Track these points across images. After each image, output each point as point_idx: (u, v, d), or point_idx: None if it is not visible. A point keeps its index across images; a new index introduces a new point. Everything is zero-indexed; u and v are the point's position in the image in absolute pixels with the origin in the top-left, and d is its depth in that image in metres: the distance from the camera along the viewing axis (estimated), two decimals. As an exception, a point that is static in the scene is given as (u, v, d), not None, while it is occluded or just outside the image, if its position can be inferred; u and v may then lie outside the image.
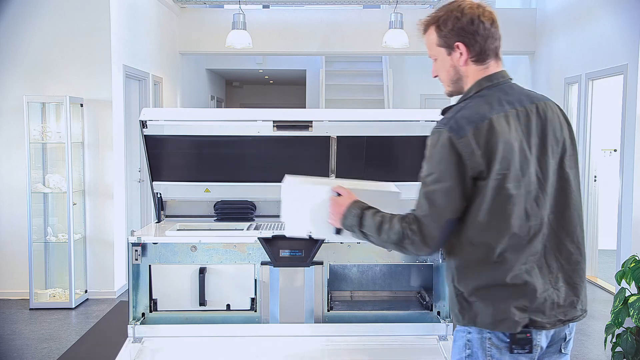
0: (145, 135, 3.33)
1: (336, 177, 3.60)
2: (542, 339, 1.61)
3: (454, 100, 1.72)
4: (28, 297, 5.09)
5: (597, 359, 4.01)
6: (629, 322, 3.36)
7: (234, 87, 13.97)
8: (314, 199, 1.98)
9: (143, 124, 3.27)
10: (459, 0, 1.68)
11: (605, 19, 5.90)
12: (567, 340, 1.69)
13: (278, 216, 3.95)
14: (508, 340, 1.58)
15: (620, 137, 5.49)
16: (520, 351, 1.58)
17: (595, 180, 6.19)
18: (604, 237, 6.67)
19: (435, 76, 1.77)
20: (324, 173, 3.59)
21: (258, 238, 3.21)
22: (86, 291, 5.32)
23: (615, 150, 7.00)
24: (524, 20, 7.64)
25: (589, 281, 6.08)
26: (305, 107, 11.41)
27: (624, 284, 3.38)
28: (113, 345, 3.87)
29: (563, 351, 1.69)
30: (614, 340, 3.38)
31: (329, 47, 7.76)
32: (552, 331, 1.64)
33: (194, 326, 3.18)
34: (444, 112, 1.69)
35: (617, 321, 3.24)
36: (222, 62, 10.69)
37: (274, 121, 3.26)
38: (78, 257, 5.22)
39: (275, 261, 3.23)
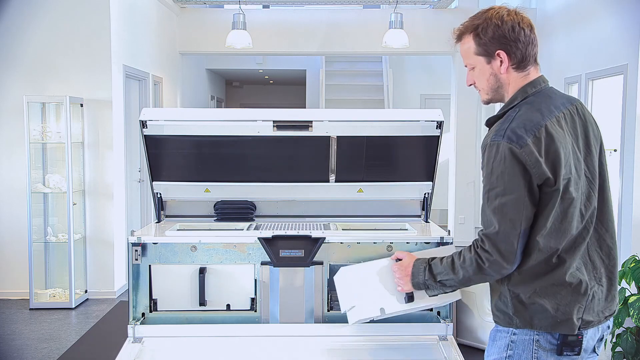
0: (145, 135, 3.33)
1: (336, 177, 3.60)
2: (588, 340, 1.61)
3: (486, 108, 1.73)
4: (28, 297, 5.09)
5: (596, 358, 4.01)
6: (629, 322, 3.36)
7: (234, 87, 13.97)
8: (376, 274, 1.94)
9: (143, 124, 3.27)
10: (495, 8, 1.66)
11: (605, 19, 5.90)
12: (602, 340, 1.70)
13: (278, 216, 3.95)
14: (557, 342, 1.57)
15: (620, 137, 5.49)
16: (569, 353, 1.57)
17: (595, 180, 6.19)
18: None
19: (470, 84, 1.75)
20: (324, 173, 3.59)
21: (258, 238, 3.21)
22: (86, 291, 5.32)
23: (615, 150, 6.99)
24: (524, 20, 7.63)
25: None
26: (305, 107, 11.41)
27: (624, 284, 3.38)
28: (113, 345, 3.87)
29: (596, 351, 1.70)
30: (614, 340, 3.38)
31: (329, 47, 7.75)
32: (598, 333, 1.64)
33: (194, 326, 3.18)
34: (490, 124, 1.68)
35: (617, 321, 3.24)
36: (222, 62, 10.69)
37: (274, 121, 3.27)
38: (78, 257, 5.22)
39: (275, 261, 3.23)
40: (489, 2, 9.05)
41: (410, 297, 1.88)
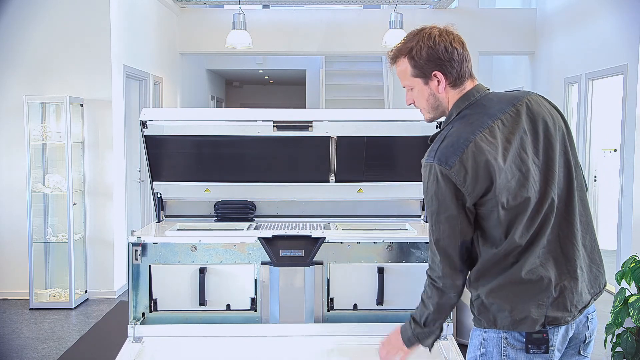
0: (145, 135, 3.33)
1: (336, 177, 3.60)
2: (558, 339, 1.61)
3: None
4: (28, 297, 5.09)
5: (597, 359, 4.01)
6: (629, 322, 3.36)
7: (234, 87, 13.97)
8: None
9: (143, 124, 3.27)
10: (427, 29, 1.66)
11: (605, 19, 5.90)
12: (586, 342, 1.70)
13: (278, 216, 3.95)
14: (524, 339, 1.58)
15: (620, 137, 5.49)
16: (536, 351, 1.58)
17: (595, 180, 6.19)
18: (604, 237, 6.67)
19: (410, 104, 1.77)
20: (324, 173, 3.59)
21: (258, 238, 3.21)
22: (86, 291, 5.32)
23: (615, 150, 7.00)
24: (524, 20, 7.64)
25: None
26: (305, 107, 11.41)
27: (624, 284, 3.38)
28: (113, 345, 3.87)
29: (582, 353, 1.70)
30: (614, 340, 3.38)
31: (329, 47, 7.76)
32: (570, 331, 1.64)
33: (194, 326, 3.18)
34: (431, 140, 1.70)
35: (617, 321, 3.24)
36: (222, 62, 10.69)
37: (274, 121, 3.27)
38: (78, 257, 5.22)
39: (275, 261, 3.23)
40: (489, 2, 9.06)
41: None
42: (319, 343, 3.18)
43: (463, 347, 2.49)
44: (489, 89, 1.72)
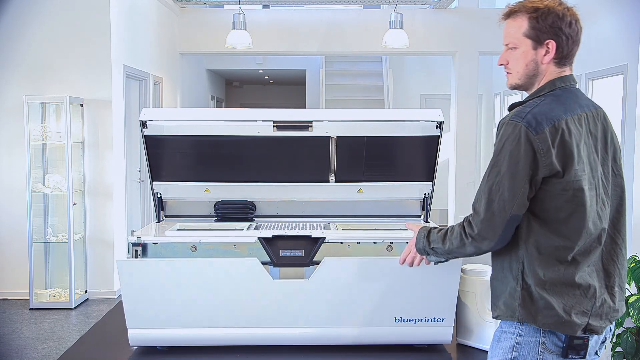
0: (145, 135, 3.33)
1: (336, 177, 3.60)
2: (592, 344, 1.60)
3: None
4: (28, 297, 5.09)
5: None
6: (629, 322, 3.36)
7: (234, 87, 13.97)
8: None
9: (143, 124, 3.27)
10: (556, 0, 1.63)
11: (605, 19, 5.90)
12: (604, 342, 1.69)
13: (278, 216, 3.95)
14: (563, 345, 1.55)
15: (620, 137, 5.49)
16: (574, 356, 1.55)
17: (595, 180, 6.20)
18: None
19: (502, 64, 1.74)
20: (324, 173, 3.59)
21: (258, 238, 3.21)
22: (86, 291, 5.32)
23: (615, 150, 7.00)
24: (524, 20, 7.63)
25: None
26: (305, 107, 11.41)
27: (624, 284, 3.38)
28: (113, 346, 3.87)
29: (598, 353, 1.69)
30: (614, 340, 3.38)
31: (329, 47, 7.75)
32: (601, 339, 1.64)
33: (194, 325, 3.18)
34: (512, 107, 1.66)
35: (617, 321, 3.24)
36: (222, 62, 10.69)
37: (274, 121, 3.27)
38: (78, 257, 5.22)
39: (275, 261, 3.22)
40: (489, 2, 9.05)
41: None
42: (318, 342, 3.18)
43: (463, 348, 2.49)
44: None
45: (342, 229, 3.54)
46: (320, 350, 3.25)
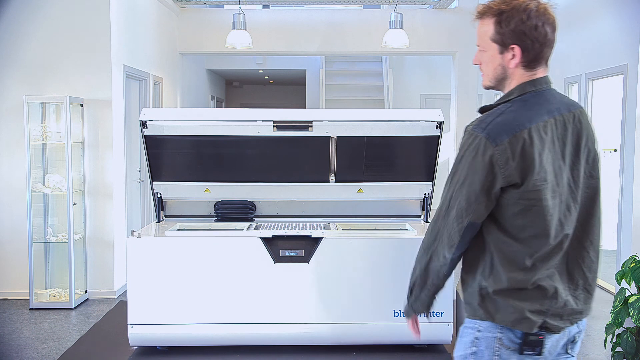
0: (145, 135, 3.33)
1: (336, 177, 3.60)
2: (551, 343, 1.61)
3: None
4: (28, 297, 5.09)
5: (597, 359, 4.01)
6: (629, 322, 3.36)
7: (234, 87, 13.97)
8: None
9: (143, 124, 3.27)
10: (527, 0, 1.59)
11: (605, 19, 5.90)
12: (574, 341, 1.69)
13: (278, 216, 3.96)
14: (520, 341, 1.57)
15: (620, 137, 5.49)
16: (530, 352, 1.57)
17: (595, 180, 6.19)
18: (604, 237, 6.64)
19: (476, 64, 1.71)
20: (324, 173, 3.59)
21: (258, 237, 3.22)
22: (86, 291, 5.32)
23: (615, 150, 6.99)
24: (524, 20, 7.63)
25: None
26: (305, 107, 11.40)
27: (624, 284, 3.38)
28: (113, 346, 3.87)
29: (569, 352, 1.69)
30: (614, 340, 3.38)
31: (329, 47, 7.75)
32: (563, 339, 1.64)
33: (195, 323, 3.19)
34: (482, 111, 1.65)
35: (617, 321, 3.24)
36: (222, 62, 10.69)
37: (274, 121, 3.27)
38: (78, 257, 5.22)
39: (275, 261, 3.23)
40: (490, 1, 9.05)
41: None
42: (318, 342, 3.18)
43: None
44: (552, 84, 1.68)
45: (342, 229, 3.54)
46: (321, 350, 3.26)
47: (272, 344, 3.43)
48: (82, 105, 5.25)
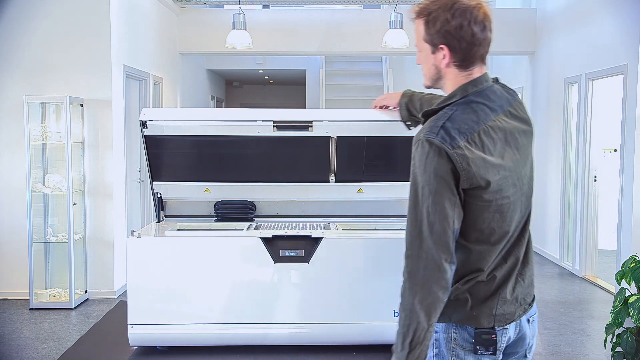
0: (145, 135, 3.33)
1: (336, 177, 3.60)
2: (505, 340, 1.62)
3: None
4: (28, 297, 5.10)
5: (597, 359, 4.01)
6: (629, 322, 3.36)
7: (234, 87, 13.97)
8: None
9: (143, 124, 3.27)
10: None
11: (605, 19, 5.90)
12: (530, 345, 1.71)
13: (278, 216, 3.96)
14: (472, 340, 1.58)
15: (620, 137, 5.49)
16: (484, 352, 1.58)
17: (595, 180, 6.19)
18: (604, 237, 6.67)
19: (419, 64, 1.71)
20: (324, 173, 3.59)
21: (258, 237, 3.22)
22: (86, 291, 5.32)
23: (615, 150, 6.99)
24: (524, 20, 7.64)
25: (588, 281, 6.08)
26: (305, 107, 11.40)
27: (624, 284, 3.38)
28: (113, 346, 3.87)
29: (527, 355, 1.71)
30: (614, 340, 3.38)
31: (329, 47, 7.76)
32: (515, 334, 1.65)
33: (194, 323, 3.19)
34: (425, 115, 1.64)
35: (617, 321, 3.24)
36: (222, 62, 10.69)
37: (274, 121, 3.26)
38: (78, 257, 5.22)
39: (275, 261, 3.23)
40: (489, 2, 9.05)
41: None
42: (317, 342, 3.17)
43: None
44: (495, 78, 1.68)
45: (342, 229, 3.54)
46: (321, 350, 3.25)
47: (272, 344, 3.43)
48: (82, 105, 5.25)
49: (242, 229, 3.50)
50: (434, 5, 1.57)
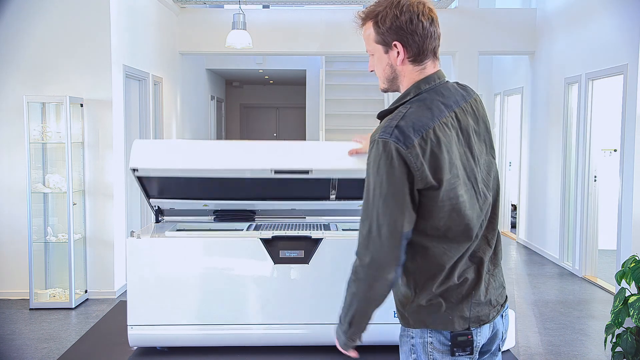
0: (137, 176, 3.24)
1: (337, 195, 3.51)
2: (481, 339, 1.63)
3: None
4: (28, 297, 5.10)
5: (597, 359, 4.01)
6: (629, 322, 3.36)
7: (234, 87, 13.97)
8: None
9: (134, 170, 3.15)
10: None
11: (605, 19, 5.90)
12: (503, 339, 1.73)
13: (278, 217, 3.95)
14: (449, 343, 1.58)
15: (620, 137, 5.49)
16: (461, 353, 1.59)
17: (595, 180, 6.19)
18: (604, 237, 6.67)
19: (372, 71, 1.73)
20: (325, 194, 3.48)
21: (258, 238, 3.21)
22: (86, 291, 5.32)
23: (615, 150, 6.99)
24: (524, 20, 7.64)
25: (588, 281, 6.08)
26: (305, 107, 11.40)
27: (624, 284, 3.38)
28: (113, 346, 3.87)
29: (501, 348, 1.74)
30: (614, 340, 3.38)
31: (329, 47, 7.76)
32: (490, 331, 1.66)
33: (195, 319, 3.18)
34: (380, 116, 1.65)
35: (617, 321, 3.24)
36: (222, 62, 10.69)
37: (273, 169, 3.13)
38: (78, 257, 5.22)
39: (275, 262, 3.22)
40: (489, 2, 9.06)
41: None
42: (317, 342, 3.16)
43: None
44: (446, 78, 1.70)
45: (342, 230, 3.54)
46: (321, 351, 3.25)
47: (272, 344, 3.43)
48: (82, 105, 5.25)
49: (242, 230, 3.50)
50: (379, 6, 1.62)
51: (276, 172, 3.17)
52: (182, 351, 3.46)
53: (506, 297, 1.72)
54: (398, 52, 1.61)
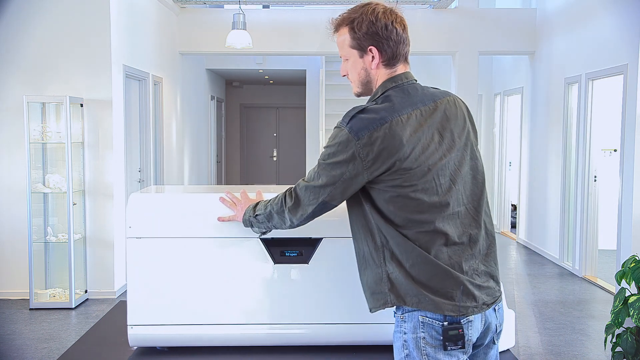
0: None
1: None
2: (473, 333, 1.64)
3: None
4: (28, 297, 5.10)
5: (597, 359, 4.01)
6: (629, 322, 3.36)
7: (234, 87, 13.96)
8: None
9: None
10: (372, 4, 1.72)
11: (605, 19, 5.90)
12: (498, 331, 1.75)
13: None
14: (441, 337, 1.60)
15: (620, 137, 5.49)
16: (453, 347, 1.61)
17: (595, 180, 6.19)
18: (604, 237, 6.67)
19: (344, 75, 1.82)
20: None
21: (258, 238, 3.21)
22: (86, 291, 5.32)
23: (615, 150, 6.99)
24: (524, 20, 7.64)
25: (588, 281, 6.08)
26: (305, 107, 11.39)
27: (624, 284, 3.38)
28: (113, 346, 3.87)
29: (495, 342, 1.75)
30: (614, 340, 3.38)
31: (329, 47, 7.75)
32: (482, 324, 1.67)
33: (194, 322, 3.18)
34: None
35: (617, 321, 3.24)
36: (222, 62, 10.69)
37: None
38: (78, 257, 5.22)
39: (275, 262, 3.22)
40: (489, 2, 9.06)
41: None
42: (317, 342, 3.17)
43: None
44: (415, 80, 1.78)
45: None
46: (321, 351, 3.25)
47: (272, 344, 3.43)
48: (82, 105, 5.25)
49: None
50: (355, 13, 1.73)
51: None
52: (182, 351, 3.46)
53: (500, 292, 1.73)
54: (373, 57, 1.71)
